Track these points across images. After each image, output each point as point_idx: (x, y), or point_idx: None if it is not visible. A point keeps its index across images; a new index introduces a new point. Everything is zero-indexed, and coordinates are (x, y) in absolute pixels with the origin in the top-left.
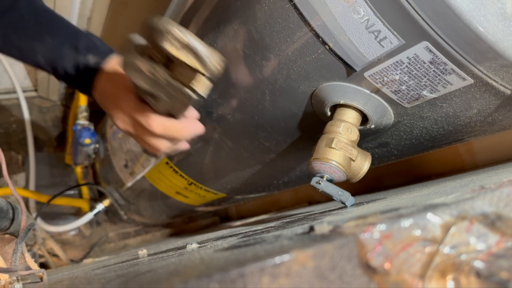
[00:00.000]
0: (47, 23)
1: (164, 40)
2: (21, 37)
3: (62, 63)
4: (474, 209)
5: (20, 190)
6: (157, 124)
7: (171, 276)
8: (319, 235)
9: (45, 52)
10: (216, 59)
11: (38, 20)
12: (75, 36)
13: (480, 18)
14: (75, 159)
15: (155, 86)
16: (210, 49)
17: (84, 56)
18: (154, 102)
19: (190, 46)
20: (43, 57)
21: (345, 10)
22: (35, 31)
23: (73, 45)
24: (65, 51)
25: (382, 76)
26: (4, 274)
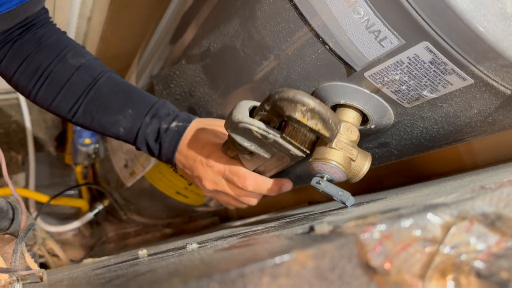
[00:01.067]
0: (127, 96)
1: (296, 111)
2: (103, 113)
3: (143, 131)
4: (474, 209)
5: (20, 190)
6: (251, 182)
7: (171, 276)
8: (319, 235)
9: (126, 123)
10: (337, 123)
11: (118, 94)
12: (154, 105)
13: (480, 18)
14: (75, 159)
15: (260, 145)
16: (333, 114)
17: (166, 123)
18: (249, 159)
19: (318, 113)
20: (123, 128)
21: (345, 10)
22: (116, 105)
23: (153, 114)
24: (146, 120)
25: (382, 76)
26: (4, 274)
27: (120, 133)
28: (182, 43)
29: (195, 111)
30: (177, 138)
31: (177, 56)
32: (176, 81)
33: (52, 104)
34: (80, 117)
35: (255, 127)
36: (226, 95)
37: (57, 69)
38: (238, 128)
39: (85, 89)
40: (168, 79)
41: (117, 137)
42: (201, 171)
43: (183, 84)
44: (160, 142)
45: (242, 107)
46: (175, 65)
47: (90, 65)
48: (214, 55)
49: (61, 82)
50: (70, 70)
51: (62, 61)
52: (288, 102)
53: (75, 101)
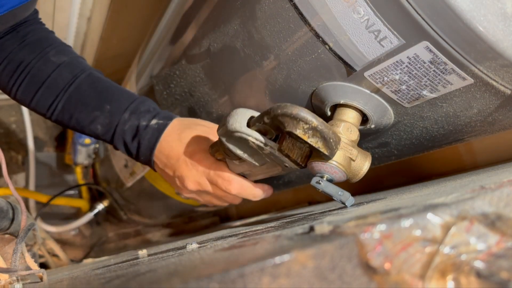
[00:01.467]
0: (105, 93)
1: (297, 128)
2: (81, 109)
3: (121, 128)
4: (474, 209)
5: (20, 190)
6: (235, 186)
7: (171, 276)
8: (319, 235)
9: (104, 119)
10: (338, 142)
11: (97, 90)
12: (134, 102)
13: (480, 18)
14: (75, 159)
15: (252, 154)
16: (335, 134)
17: (146, 120)
18: (237, 164)
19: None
20: (101, 125)
21: (345, 10)
22: (94, 102)
23: (132, 110)
24: (124, 116)
25: (382, 76)
26: (4, 274)
27: (98, 130)
28: (182, 43)
29: (195, 111)
30: (156, 135)
31: (177, 56)
32: (176, 81)
33: (32, 102)
34: (59, 114)
35: (253, 138)
36: (226, 95)
37: (38, 66)
38: (233, 136)
39: (64, 85)
40: (168, 79)
41: (95, 135)
42: (185, 170)
43: (183, 84)
44: (139, 140)
45: (240, 116)
46: (175, 65)
47: (72, 63)
48: (214, 55)
49: (41, 79)
50: (51, 67)
51: (44, 59)
52: (291, 119)
53: (54, 98)
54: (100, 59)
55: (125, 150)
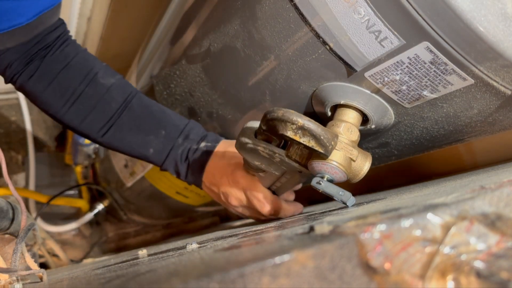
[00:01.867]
0: (159, 117)
1: (287, 129)
2: (135, 133)
3: (174, 152)
4: (474, 209)
5: (20, 190)
6: (268, 208)
7: (171, 276)
8: (319, 235)
9: (157, 144)
10: (331, 139)
11: (151, 115)
12: (186, 127)
13: (481, 18)
14: (75, 159)
15: (269, 164)
16: (326, 130)
17: (196, 143)
18: (263, 176)
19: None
20: (154, 149)
21: (346, 10)
22: (149, 126)
23: (185, 135)
24: (178, 141)
25: (382, 76)
26: (4, 274)
27: (148, 153)
28: (182, 43)
29: (195, 111)
30: (205, 157)
31: (177, 56)
32: (176, 81)
33: (82, 124)
34: (110, 136)
35: (261, 147)
36: (227, 95)
37: (88, 90)
38: (246, 148)
39: (117, 108)
40: (168, 79)
41: (144, 157)
42: (227, 187)
43: (183, 84)
44: (189, 162)
45: (248, 128)
46: (175, 65)
47: (121, 85)
48: (215, 55)
49: (92, 102)
50: (101, 90)
51: (93, 81)
52: (279, 122)
53: (107, 120)
54: (100, 59)
55: (174, 171)
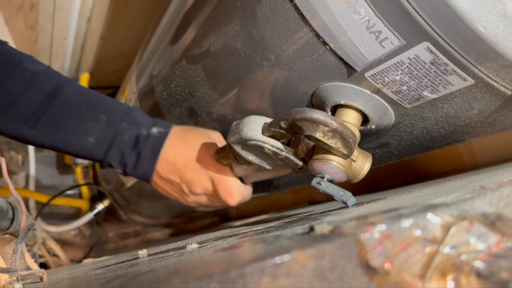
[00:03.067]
0: (98, 102)
1: (316, 131)
2: (72, 121)
3: (119, 139)
4: (474, 209)
5: (20, 190)
6: (236, 198)
7: (171, 276)
8: (319, 235)
9: (98, 131)
10: (355, 141)
11: (88, 101)
12: (130, 112)
13: (481, 18)
14: (75, 159)
15: (264, 159)
16: (353, 133)
17: (145, 128)
18: (245, 168)
19: (340, 133)
20: (94, 138)
21: (346, 11)
22: (87, 113)
23: (130, 120)
24: (123, 126)
25: (382, 76)
26: (4, 274)
27: (88, 143)
28: (183, 43)
29: (195, 111)
30: (160, 143)
31: (177, 56)
32: (177, 81)
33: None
34: (40, 128)
35: (269, 145)
36: (227, 95)
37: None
38: (247, 144)
39: (47, 95)
40: (168, 79)
41: (82, 151)
42: (194, 175)
43: (183, 84)
44: (139, 151)
45: (254, 124)
46: (176, 65)
47: (50, 72)
48: (215, 55)
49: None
50: (27, 76)
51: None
52: (310, 123)
53: (35, 109)
54: (100, 59)
55: (119, 164)
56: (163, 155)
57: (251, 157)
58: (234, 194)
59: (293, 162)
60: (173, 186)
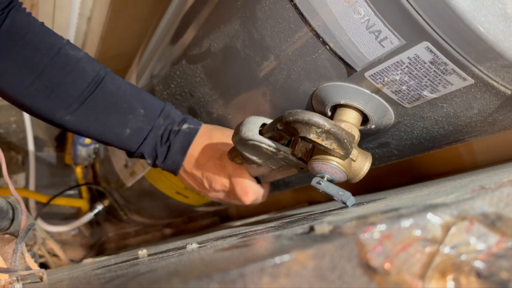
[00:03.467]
0: (137, 96)
1: (310, 132)
2: (112, 111)
3: (154, 133)
4: (474, 209)
5: (20, 190)
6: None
7: (171, 276)
8: (319, 235)
9: (136, 124)
10: (352, 141)
11: (127, 93)
12: (165, 107)
13: (481, 18)
14: (75, 159)
15: (268, 159)
16: (348, 133)
17: (177, 124)
18: (255, 167)
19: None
20: (131, 129)
21: (346, 10)
22: (127, 105)
23: (166, 115)
24: (159, 121)
25: (382, 76)
26: (4, 274)
27: (124, 134)
28: (183, 43)
29: (195, 111)
30: (189, 139)
31: (177, 56)
32: (177, 81)
33: (47, 99)
34: (81, 114)
35: (265, 145)
36: (227, 95)
37: (55, 61)
38: (246, 144)
39: (89, 83)
40: (168, 79)
41: (117, 139)
42: (214, 171)
43: (183, 84)
44: (169, 144)
45: (252, 124)
46: (176, 65)
47: (91, 59)
48: (215, 55)
49: (61, 73)
50: (71, 61)
51: (60, 52)
52: (303, 125)
53: (78, 95)
54: (100, 59)
55: (150, 155)
56: (190, 152)
57: (254, 157)
58: (249, 193)
59: (293, 162)
60: (195, 181)
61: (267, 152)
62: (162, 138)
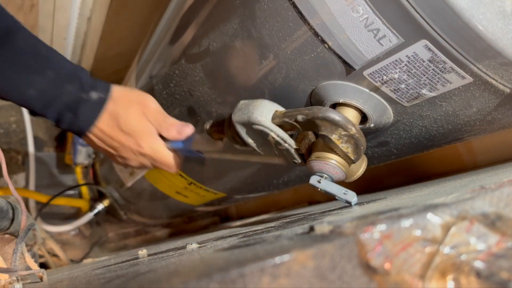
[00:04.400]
0: (47, 57)
1: (333, 133)
2: (17, 68)
3: (61, 98)
4: (474, 209)
5: (20, 190)
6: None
7: (171, 276)
8: (319, 235)
9: (42, 85)
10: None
11: (38, 52)
12: (76, 72)
13: (480, 16)
14: (75, 159)
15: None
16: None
17: (86, 91)
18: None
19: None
20: (37, 90)
21: (344, 9)
22: (35, 63)
23: (74, 79)
24: (66, 86)
25: (381, 74)
26: (4, 274)
27: (28, 95)
28: (182, 43)
29: (195, 110)
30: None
31: (176, 56)
32: (176, 81)
33: None
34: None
35: (274, 134)
36: (226, 95)
37: None
38: (250, 126)
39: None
40: (167, 78)
41: (21, 99)
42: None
43: (182, 84)
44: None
45: (266, 109)
46: (175, 64)
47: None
48: (214, 54)
49: None
50: None
51: None
52: (330, 124)
53: None
54: (100, 59)
55: (54, 119)
56: (97, 123)
57: (250, 140)
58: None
59: (292, 156)
60: (104, 149)
61: (271, 140)
62: (69, 105)
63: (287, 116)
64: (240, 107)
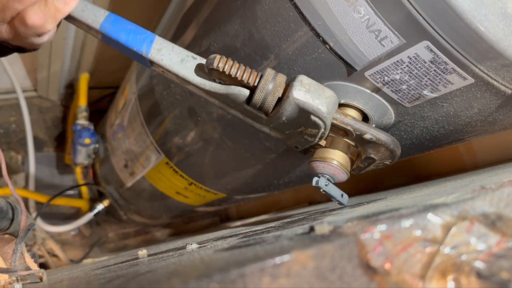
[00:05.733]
0: None
1: (378, 152)
2: None
3: None
4: (474, 209)
5: (20, 190)
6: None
7: (171, 276)
8: (319, 235)
9: None
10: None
11: None
12: None
13: (481, 17)
14: (75, 159)
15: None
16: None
17: None
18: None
19: (392, 152)
20: None
21: (346, 9)
22: None
23: None
24: None
25: (382, 75)
26: (4, 274)
27: None
28: (183, 43)
29: (195, 110)
30: None
31: None
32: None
33: None
34: None
35: (327, 131)
36: None
37: None
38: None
39: None
40: (168, 79)
41: None
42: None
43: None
44: None
45: (335, 108)
46: None
47: None
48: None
49: None
50: None
51: None
52: (378, 146)
53: None
54: (100, 59)
55: None
56: None
57: (283, 114)
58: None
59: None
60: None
61: (305, 129)
62: None
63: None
64: (306, 85)
